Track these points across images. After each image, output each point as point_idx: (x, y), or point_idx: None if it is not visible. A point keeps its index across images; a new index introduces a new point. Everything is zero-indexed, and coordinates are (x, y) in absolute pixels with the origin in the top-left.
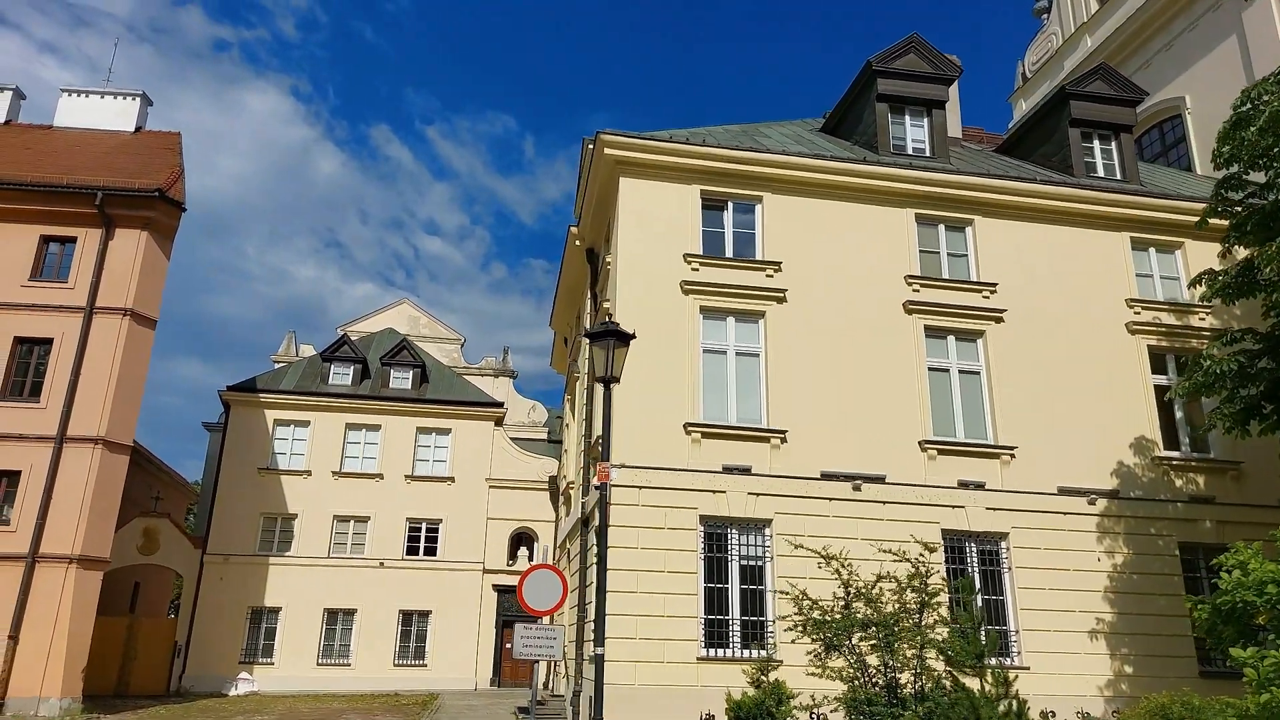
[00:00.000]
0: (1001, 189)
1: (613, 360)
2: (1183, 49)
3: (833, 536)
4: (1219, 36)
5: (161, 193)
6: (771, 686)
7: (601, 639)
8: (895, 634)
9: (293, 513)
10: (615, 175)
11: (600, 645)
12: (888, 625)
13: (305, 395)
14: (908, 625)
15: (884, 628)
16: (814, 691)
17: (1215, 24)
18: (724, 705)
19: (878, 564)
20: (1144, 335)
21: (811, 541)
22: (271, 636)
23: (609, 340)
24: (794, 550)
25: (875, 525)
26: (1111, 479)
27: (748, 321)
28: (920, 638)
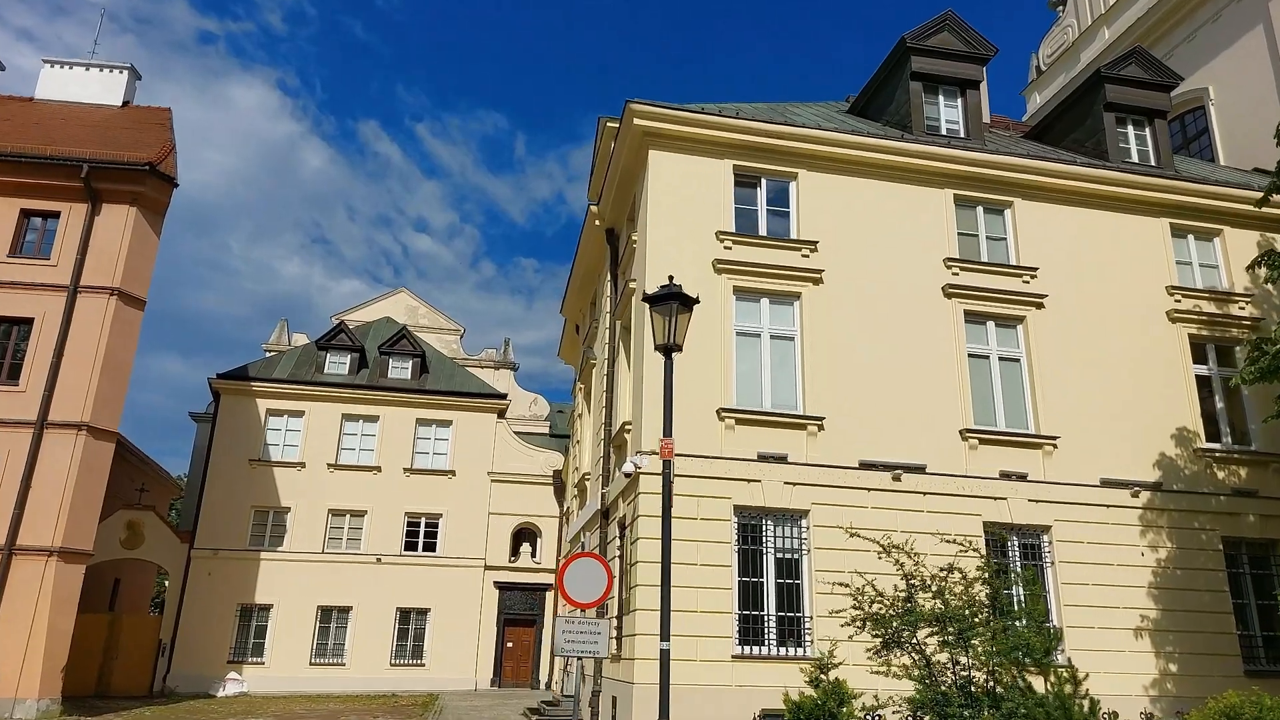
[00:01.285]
0: (1042, 170)
1: (675, 326)
2: (1206, 40)
3: (872, 528)
4: (1244, 27)
5: (152, 166)
6: (831, 686)
7: (667, 633)
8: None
9: (285, 506)
10: (643, 148)
11: (666, 640)
12: (963, 619)
13: (300, 384)
14: (983, 619)
15: (959, 621)
16: (874, 691)
17: (1240, 15)
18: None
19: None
20: (1185, 324)
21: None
22: (262, 635)
23: (671, 304)
24: (848, 540)
25: (916, 517)
26: (1154, 471)
27: (782, 303)
28: (998, 633)
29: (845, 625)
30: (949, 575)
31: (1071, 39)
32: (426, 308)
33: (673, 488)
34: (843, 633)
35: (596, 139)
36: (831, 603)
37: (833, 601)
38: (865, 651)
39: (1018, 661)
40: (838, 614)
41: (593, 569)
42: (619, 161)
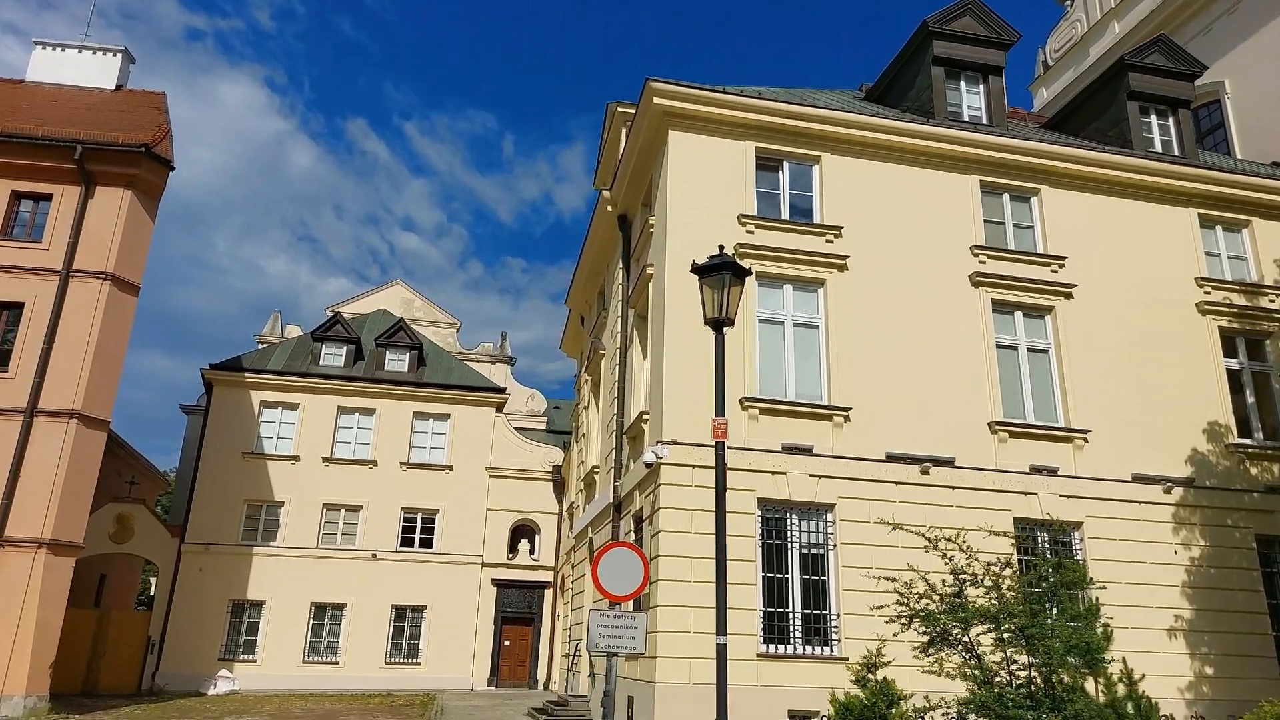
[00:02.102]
0: (1070, 157)
1: (728, 299)
2: (1221, 33)
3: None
4: (1261, 20)
5: (148, 148)
6: (879, 685)
7: (724, 627)
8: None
9: (279, 500)
10: (663, 129)
11: (723, 634)
12: (1023, 616)
13: (295, 376)
14: (1043, 616)
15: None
16: (921, 692)
17: (1256, 8)
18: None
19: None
20: (1215, 316)
21: (877, 529)
22: (254, 632)
23: (723, 275)
24: (885, 534)
25: (944, 512)
26: (1185, 467)
27: (806, 290)
28: (1058, 630)
29: (890, 622)
30: (1003, 570)
31: (1080, 33)
32: (422, 300)
33: (725, 471)
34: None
35: (605, 126)
36: (859, 600)
37: (860, 599)
38: (912, 650)
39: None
40: (879, 610)
41: (628, 559)
42: (635, 143)
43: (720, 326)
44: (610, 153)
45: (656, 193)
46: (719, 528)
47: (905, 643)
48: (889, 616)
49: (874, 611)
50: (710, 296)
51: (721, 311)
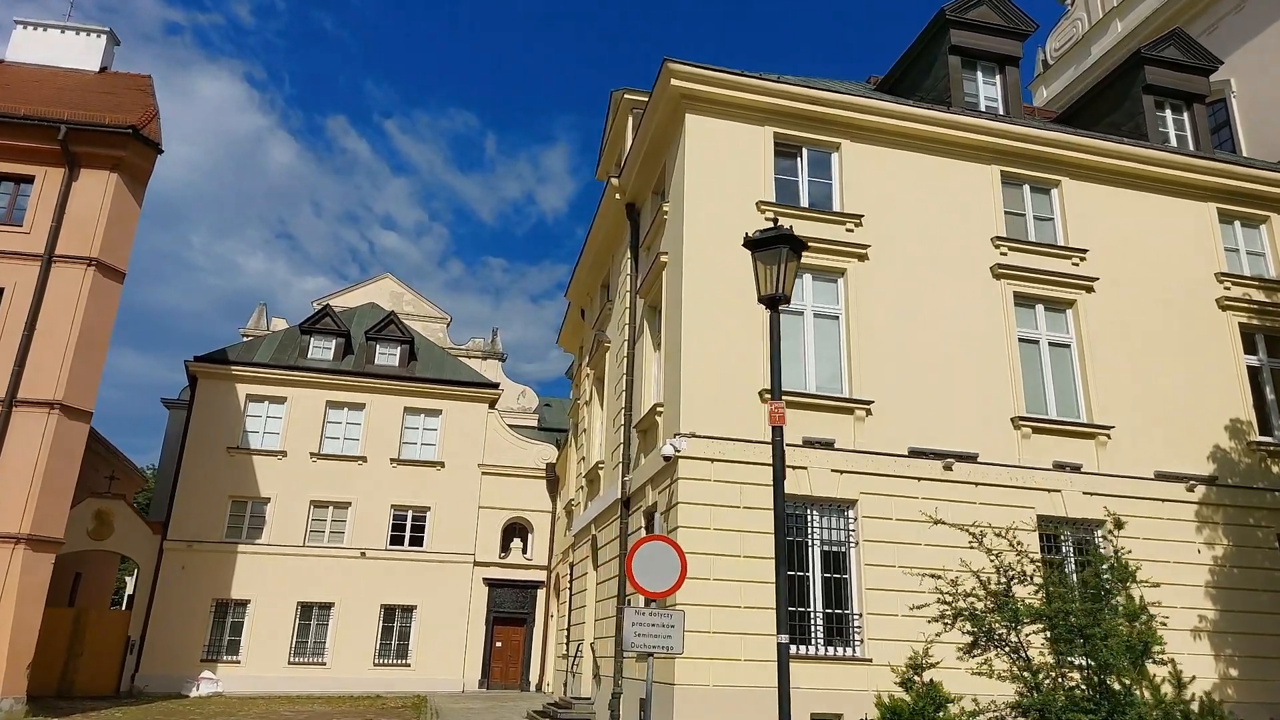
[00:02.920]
0: (1093, 148)
1: (784, 274)
2: (1228, 31)
3: (919, 521)
4: (1268, 19)
5: (136, 130)
6: (926, 688)
7: (784, 625)
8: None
9: (265, 496)
10: (680, 112)
11: (783, 632)
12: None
13: (282, 369)
14: (1104, 615)
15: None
16: (969, 695)
17: (1263, 6)
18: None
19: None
20: (1235, 312)
21: (901, 525)
22: (238, 632)
23: (779, 249)
24: (932, 527)
25: (968, 509)
26: (1208, 464)
27: (826, 280)
28: (1112, 632)
29: (932, 621)
30: (1053, 568)
31: (1081, 32)
32: (412, 294)
33: (784, 458)
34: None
35: (609, 114)
36: (883, 599)
37: (884, 599)
38: (956, 651)
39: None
40: (918, 609)
41: (664, 553)
42: (648, 129)
43: (776, 304)
44: (615, 142)
45: (670, 179)
46: (778, 520)
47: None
48: (930, 616)
49: (914, 611)
50: (764, 272)
51: (777, 288)
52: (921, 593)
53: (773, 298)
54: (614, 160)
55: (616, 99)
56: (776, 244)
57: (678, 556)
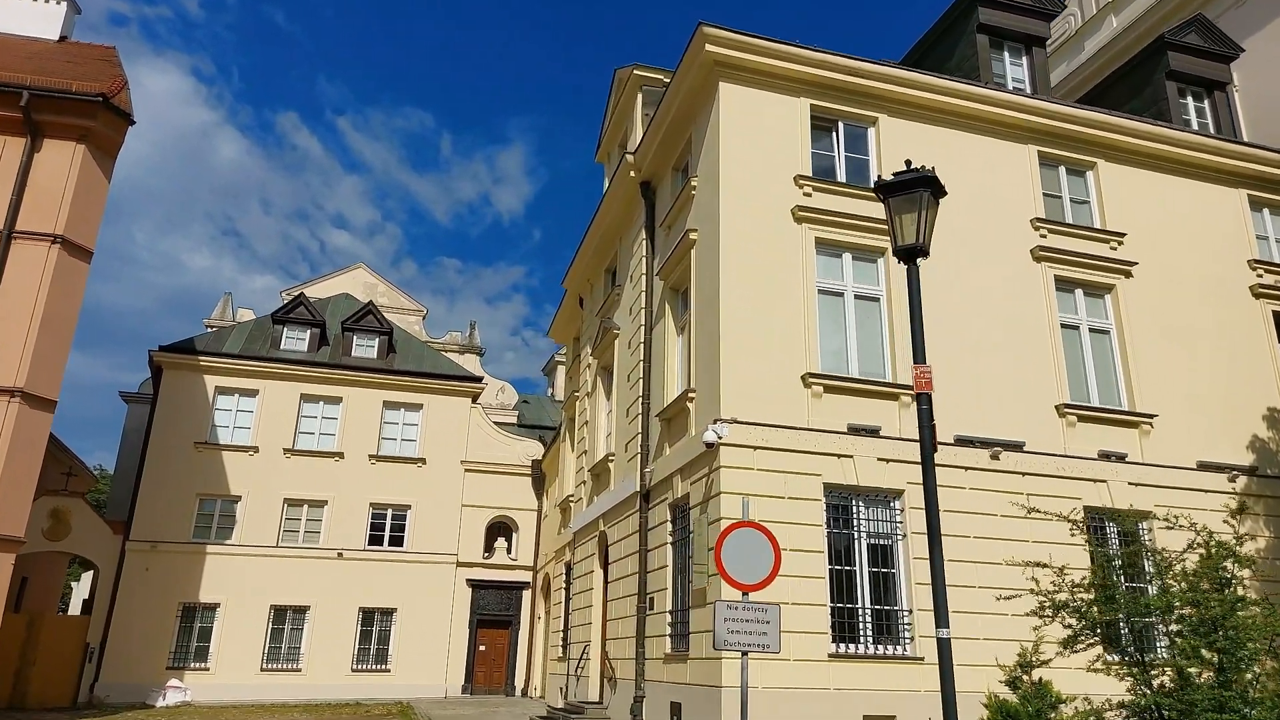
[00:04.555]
0: (1130, 130)
1: (925, 222)
2: (1230, 25)
3: (968, 512)
4: (1272, 13)
5: (106, 99)
6: (1035, 688)
7: (945, 617)
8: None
9: (235, 494)
10: (712, 81)
11: (944, 626)
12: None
13: (254, 360)
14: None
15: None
16: (1082, 694)
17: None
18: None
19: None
20: (1268, 300)
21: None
22: (207, 638)
23: (918, 192)
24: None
25: (1015, 500)
26: (1247, 454)
27: (866, 260)
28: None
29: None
30: (1177, 559)
31: (1075, 27)
32: (386, 285)
33: (934, 431)
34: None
35: (612, 94)
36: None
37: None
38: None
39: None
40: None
41: (756, 542)
42: (673, 100)
43: (914, 257)
44: (619, 122)
45: (699, 153)
46: (928, 494)
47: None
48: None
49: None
50: (902, 220)
51: (918, 237)
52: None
53: (912, 249)
54: (616, 141)
55: (622, 76)
56: (915, 187)
57: (771, 545)
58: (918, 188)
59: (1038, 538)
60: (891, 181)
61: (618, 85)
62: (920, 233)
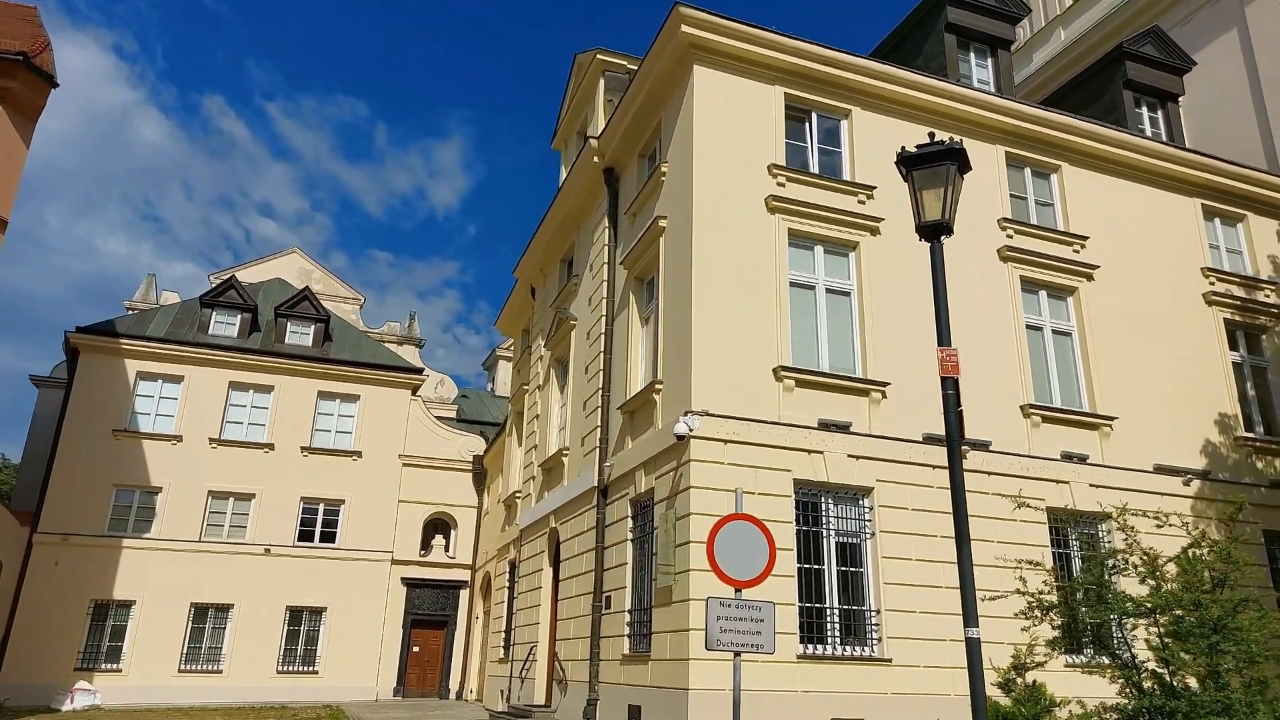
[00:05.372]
0: (1094, 135)
1: (952, 197)
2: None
3: (935, 511)
4: (1218, 30)
5: (26, 58)
6: (1027, 691)
7: (974, 616)
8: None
9: (156, 486)
10: (687, 64)
11: (973, 625)
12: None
13: (180, 345)
14: (1240, 608)
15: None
16: (1076, 698)
17: (1213, 17)
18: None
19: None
20: (1220, 307)
21: (913, 516)
22: (120, 637)
23: (945, 166)
24: (1015, 510)
25: (979, 500)
26: (1200, 458)
27: (837, 253)
28: (1260, 623)
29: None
30: (1169, 559)
31: (1024, 39)
32: (322, 272)
33: (959, 416)
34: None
35: (571, 80)
36: (900, 595)
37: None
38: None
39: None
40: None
41: (750, 535)
42: (643, 84)
43: (939, 234)
44: (579, 108)
45: (669, 138)
46: (955, 488)
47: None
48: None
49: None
50: (926, 195)
51: (944, 213)
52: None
53: (936, 225)
54: (575, 128)
55: (583, 61)
56: (941, 160)
57: (765, 538)
58: (943, 161)
59: (1003, 538)
60: (915, 154)
61: (578, 70)
62: (946, 209)
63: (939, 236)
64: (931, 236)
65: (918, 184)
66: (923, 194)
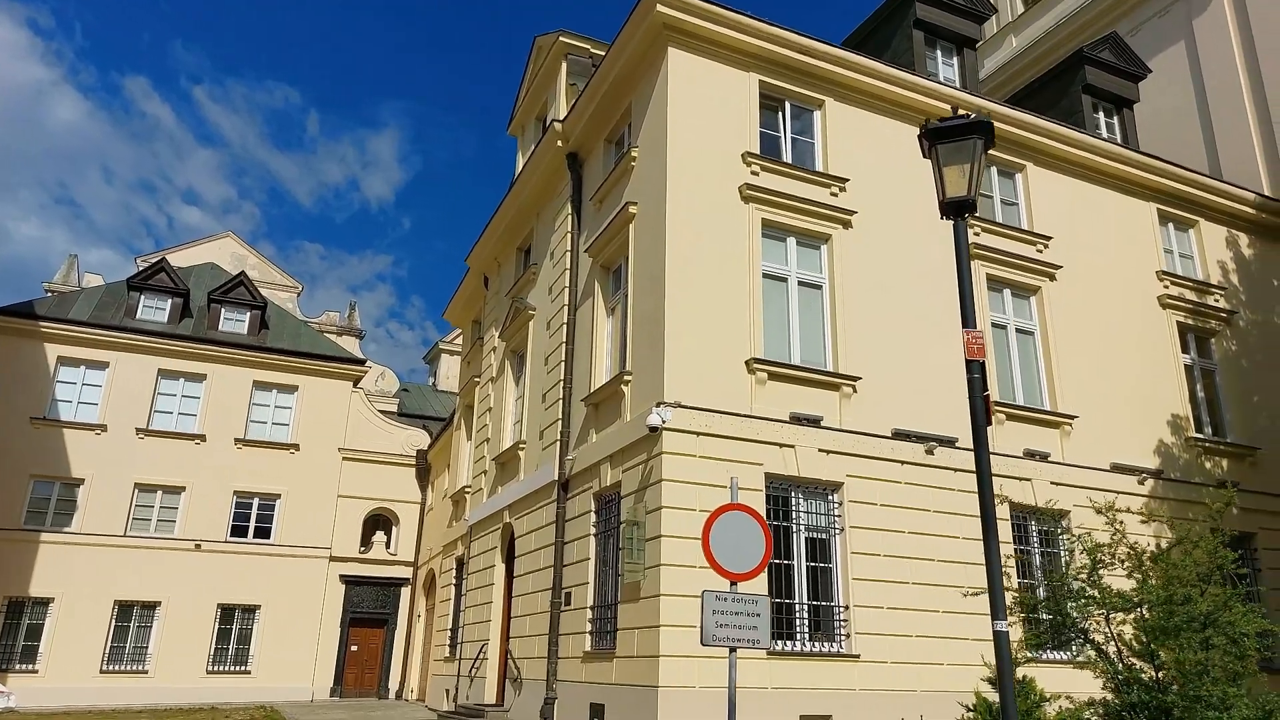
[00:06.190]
0: (1058, 135)
1: (976, 171)
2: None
3: (903, 507)
4: (1166, 42)
5: None
6: (1018, 687)
7: (1001, 609)
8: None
9: (78, 477)
10: (661, 44)
11: (1001, 618)
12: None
13: (105, 329)
14: (1234, 603)
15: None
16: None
17: (1161, 30)
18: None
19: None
20: (1173, 310)
21: (882, 512)
22: (36, 636)
23: (970, 140)
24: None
25: (945, 496)
26: (1154, 458)
27: (809, 246)
28: (1248, 617)
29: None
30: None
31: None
32: (257, 258)
33: (988, 401)
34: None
35: (531, 62)
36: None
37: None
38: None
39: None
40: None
41: (746, 526)
42: (614, 63)
43: (962, 211)
44: (539, 92)
45: (639, 123)
46: (981, 479)
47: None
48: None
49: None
50: (950, 170)
51: (970, 190)
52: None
53: (960, 202)
54: (534, 114)
55: (544, 44)
56: (966, 134)
57: (761, 529)
58: (970, 135)
59: (969, 534)
60: (940, 127)
61: (537, 53)
62: (971, 185)
63: (962, 214)
64: (955, 214)
65: (941, 159)
66: (945, 169)
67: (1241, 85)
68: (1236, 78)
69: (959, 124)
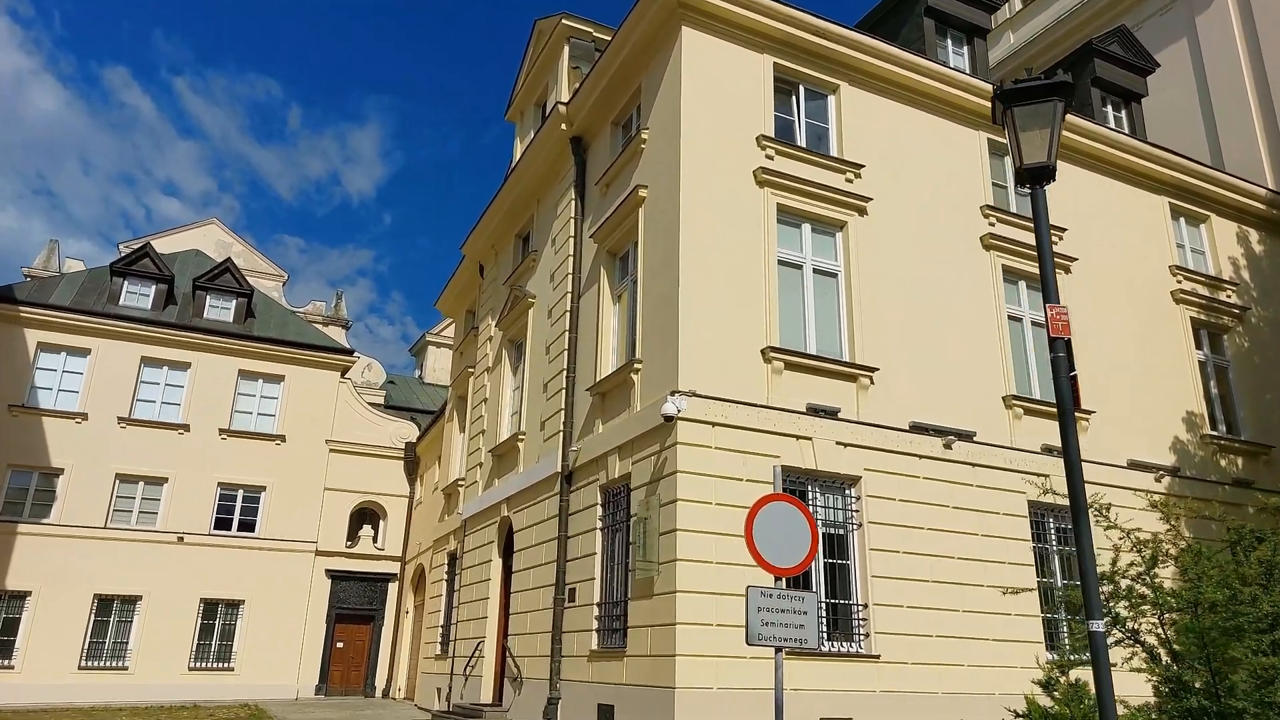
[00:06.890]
0: (1074, 127)
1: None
2: None
3: (921, 502)
4: (1168, 39)
5: None
6: (1071, 691)
7: (1095, 609)
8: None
9: (57, 466)
10: (674, 23)
11: (1095, 618)
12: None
13: (87, 315)
14: None
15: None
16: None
17: (1164, 27)
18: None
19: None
20: (1187, 306)
21: (900, 507)
22: (13, 630)
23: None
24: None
25: (963, 492)
26: (1170, 455)
27: (824, 233)
28: None
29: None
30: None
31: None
32: (243, 246)
33: (1075, 383)
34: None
35: (531, 46)
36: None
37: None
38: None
39: None
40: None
41: (790, 517)
42: (624, 43)
43: (1041, 178)
44: (539, 76)
45: (650, 104)
46: (1070, 468)
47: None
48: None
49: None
50: (1028, 135)
51: (1049, 156)
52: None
53: (1039, 169)
54: (533, 98)
55: (546, 27)
56: (1045, 96)
57: (807, 520)
58: (1049, 97)
59: (988, 531)
60: (1016, 88)
61: (538, 37)
62: (1051, 151)
63: (1041, 182)
64: (1034, 181)
65: (1018, 123)
66: (1022, 134)
67: (1245, 81)
68: (1240, 73)
69: (1037, 85)
